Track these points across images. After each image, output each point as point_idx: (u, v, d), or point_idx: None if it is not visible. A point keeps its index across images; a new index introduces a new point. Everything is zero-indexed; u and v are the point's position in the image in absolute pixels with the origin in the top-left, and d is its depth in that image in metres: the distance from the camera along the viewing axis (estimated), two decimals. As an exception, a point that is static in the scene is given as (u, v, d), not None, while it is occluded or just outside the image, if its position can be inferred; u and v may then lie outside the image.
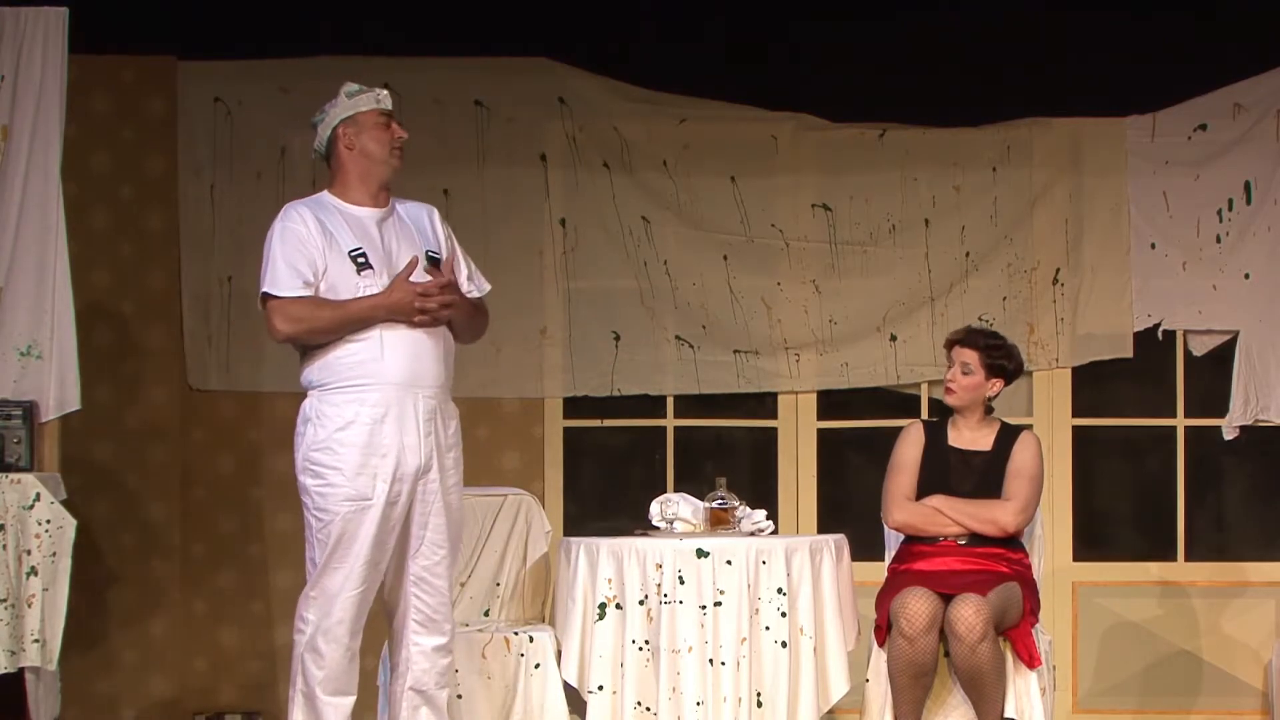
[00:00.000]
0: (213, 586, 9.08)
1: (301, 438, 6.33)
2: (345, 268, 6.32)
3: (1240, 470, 9.22)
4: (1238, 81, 8.97)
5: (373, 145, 6.44)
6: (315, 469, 6.28)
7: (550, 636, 7.32)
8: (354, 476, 6.25)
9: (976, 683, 6.91)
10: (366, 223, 6.42)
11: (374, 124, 6.45)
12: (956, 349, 7.35)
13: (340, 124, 6.44)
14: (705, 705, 7.02)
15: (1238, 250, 8.98)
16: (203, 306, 9.09)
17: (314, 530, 6.32)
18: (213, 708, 9.03)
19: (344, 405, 6.28)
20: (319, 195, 6.47)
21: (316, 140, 6.50)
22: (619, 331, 9.15)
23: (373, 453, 6.27)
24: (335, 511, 6.26)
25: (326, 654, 6.29)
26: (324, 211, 6.39)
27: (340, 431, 6.26)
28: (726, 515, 7.29)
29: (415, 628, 6.45)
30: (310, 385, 6.36)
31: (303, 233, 6.31)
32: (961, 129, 9.08)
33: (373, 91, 6.49)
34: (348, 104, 6.46)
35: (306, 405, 6.35)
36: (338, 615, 6.28)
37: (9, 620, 7.32)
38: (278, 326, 6.31)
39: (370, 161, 6.44)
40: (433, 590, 6.44)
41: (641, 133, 9.14)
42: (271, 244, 6.34)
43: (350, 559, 6.27)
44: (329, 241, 6.32)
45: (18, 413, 7.66)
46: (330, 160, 6.50)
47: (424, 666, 6.46)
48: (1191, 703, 8.96)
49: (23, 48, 7.81)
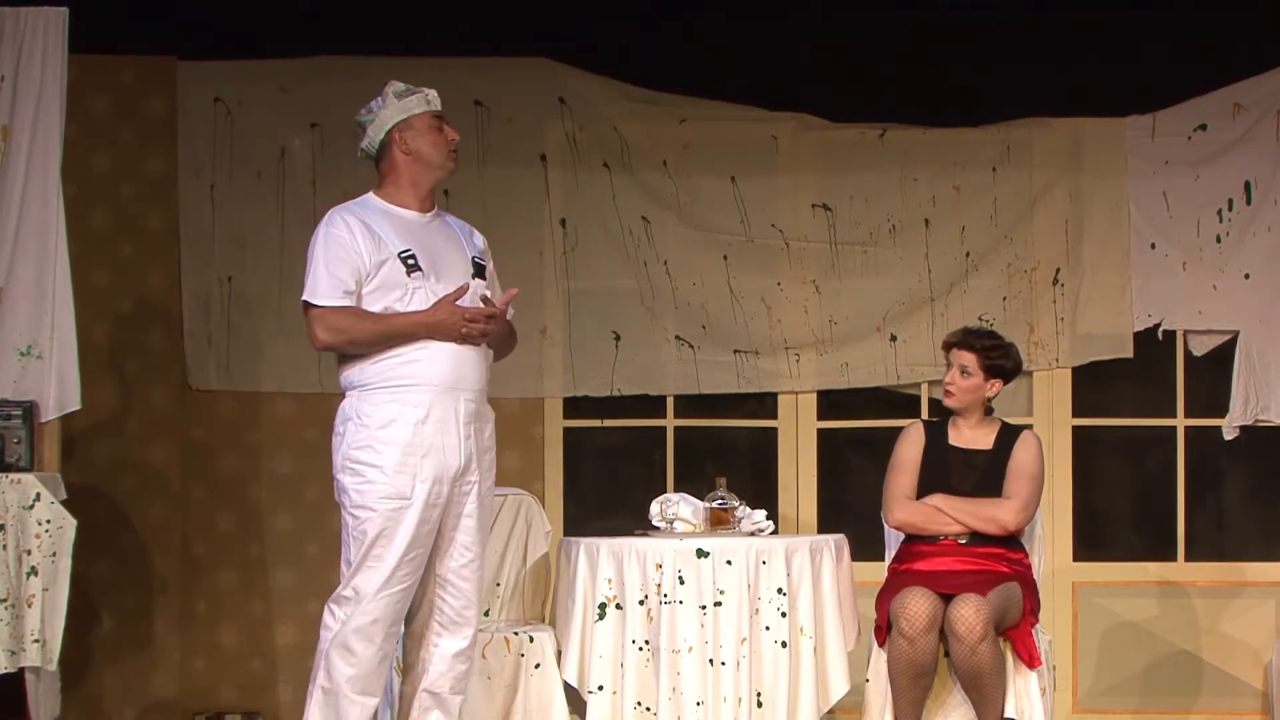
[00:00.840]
0: (213, 586, 9.08)
1: (341, 438, 6.31)
2: (395, 267, 6.29)
3: (1240, 470, 9.22)
4: (1238, 81, 8.97)
5: (429, 149, 6.39)
6: (355, 467, 6.26)
7: (550, 636, 7.32)
8: (394, 475, 6.24)
9: (976, 683, 6.92)
10: (414, 224, 6.39)
11: (428, 127, 6.40)
12: (954, 351, 7.35)
13: (395, 127, 6.38)
14: (705, 705, 7.03)
15: (1238, 250, 8.98)
16: (203, 306, 9.09)
17: (350, 528, 6.30)
18: (213, 708, 9.03)
19: (385, 405, 6.26)
20: (364, 198, 6.42)
21: (365, 141, 6.44)
22: (619, 331, 9.15)
23: (413, 452, 6.26)
24: (374, 509, 6.24)
25: (360, 652, 6.26)
26: (370, 214, 6.34)
27: (382, 430, 6.25)
28: (726, 515, 7.30)
29: (437, 629, 6.43)
30: (350, 386, 6.34)
31: (346, 239, 6.26)
32: (961, 129, 9.08)
33: (422, 92, 6.42)
34: (398, 105, 6.39)
35: (346, 405, 6.33)
36: (374, 614, 6.25)
37: (9, 620, 7.32)
38: (319, 335, 6.28)
39: (426, 166, 6.41)
40: (458, 592, 6.43)
41: (641, 133, 9.14)
42: (315, 251, 6.29)
43: (387, 558, 6.24)
44: (377, 244, 6.28)
45: (18, 413, 7.66)
46: (380, 163, 6.45)
47: (441, 669, 6.44)
48: (1191, 703, 8.96)
49: (23, 48, 7.81)
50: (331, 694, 6.27)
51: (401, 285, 6.29)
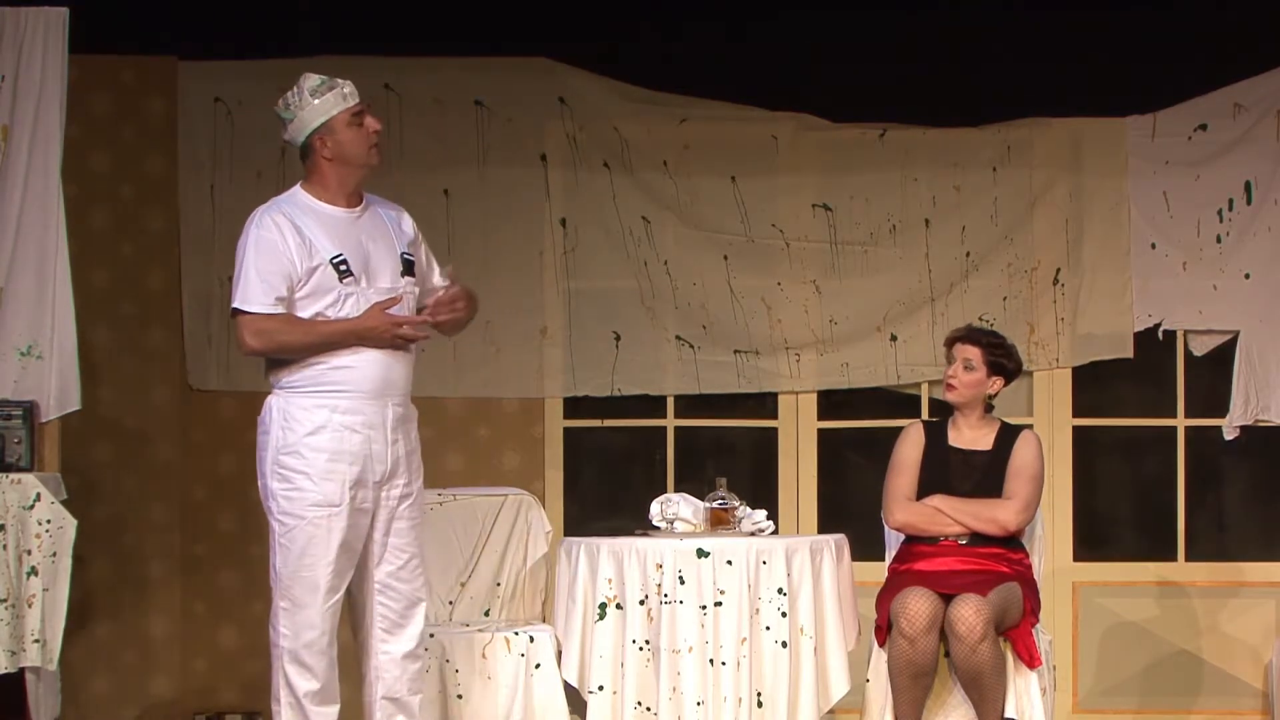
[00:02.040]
0: (213, 586, 9.08)
1: (267, 438, 6.26)
2: (327, 274, 6.24)
3: (1240, 470, 9.22)
4: (1238, 81, 8.97)
5: (351, 149, 6.33)
6: (283, 473, 6.22)
7: (550, 636, 7.32)
8: (321, 481, 6.20)
9: (977, 683, 6.91)
10: (343, 224, 6.33)
11: (347, 125, 6.32)
12: (958, 345, 7.35)
13: (315, 132, 6.32)
14: (705, 705, 7.02)
15: (1238, 250, 8.98)
16: (203, 306, 9.09)
17: (277, 535, 6.24)
18: (213, 708, 9.03)
19: (314, 410, 6.22)
20: (292, 193, 6.37)
21: (288, 135, 6.39)
22: (619, 331, 9.14)
23: (340, 459, 6.22)
24: (302, 516, 6.21)
25: (314, 666, 6.25)
26: (300, 214, 6.29)
27: (310, 436, 6.21)
28: (727, 515, 7.29)
29: (382, 635, 6.40)
30: (278, 386, 6.28)
31: (278, 243, 6.22)
32: (961, 129, 9.08)
33: (338, 88, 6.33)
34: (316, 107, 6.30)
35: (273, 405, 6.27)
36: (319, 626, 6.24)
37: (9, 620, 7.32)
38: (247, 341, 6.22)
39: (349, 166, 6.35)
40: (398, 595, 6.40)
41: (641, 133, 9.14)
42: (245, 254, 6.24)
43: (320, 567, 6.22)
44: (309, 249, 6.23)
45: (18, 413, 7.65)
46: (305, 160, 6.40)
47: (395, 674, 6.42)
48: (1191, 703, 8.96)
49: (23, 48, 7.81)
50: (297, 707, 6.27)
51: (333, 291, 6.24)
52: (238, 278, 6.25)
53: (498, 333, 9.03)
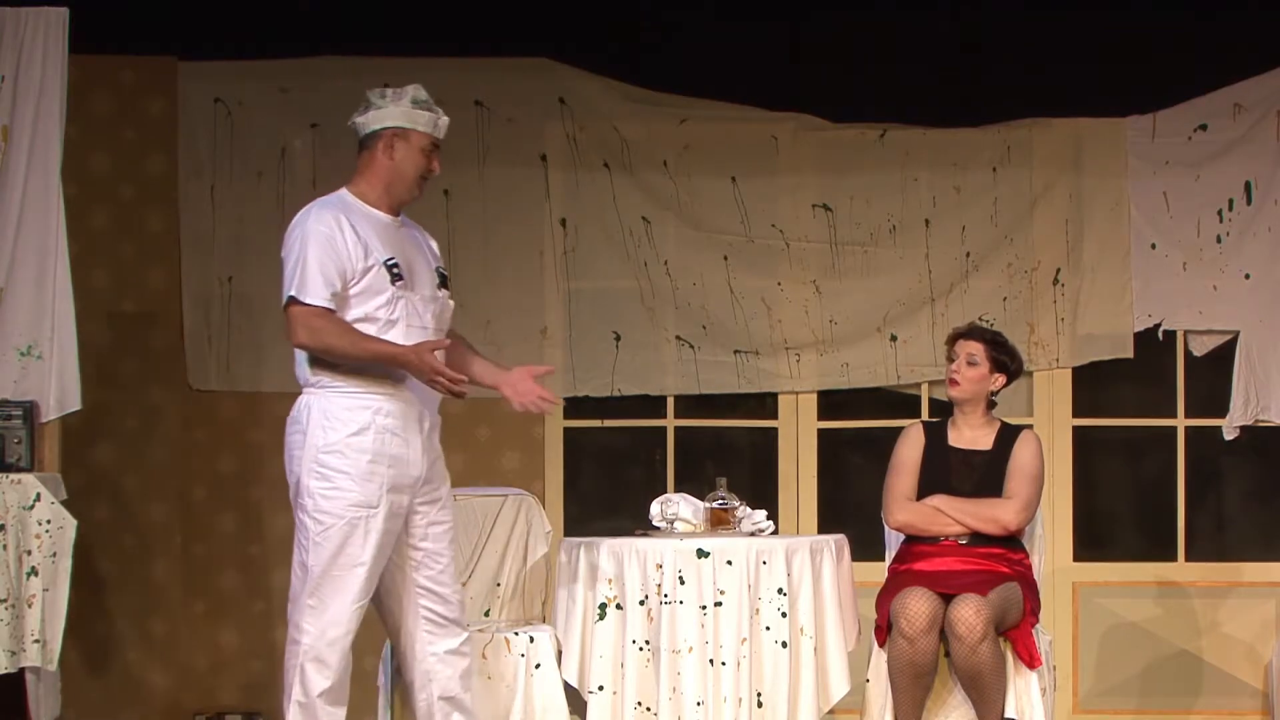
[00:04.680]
0: (213, 586, 9.08)
1: (302, 437, 6.24)
2: (381, 275, 6.25)
3: (1240, 470, 9.22)
4: (1238, 81, 8.97)
5: (408, 166, 6.34)
6: (323, 471, 6.21)
7: (550, 636, 7.32)
8: (362, 482, 6.21)
9: (977, 683, 6.92)
10: (389, 230, 6.35)
11: (420, 148, 6.35)
12: (961, 342, 7.36)
13: (392, 129, 6.35)
14: (705, 705, 7.02)
15: (1238, 250, 8.98)
16: (203, 306, 9.09)
17: (311, 534, 6.22)
18: (213, 708, 9.03)
19: (357, 410, 6.23)
20: (340, 196, 6.35)
21: (361, 123, 6.38)
22: (619, 331, 9.15)
23: (380, 461, 6.24)
24: (340, 516, 6.21)
25: (333, 664, 6.24)
26: (352, 215, 6.28)
27: (354, 436, 6.21)
28: (727, 515, 7.29)
29: (429, 638, 6.43)
30: (319, 385, 6.26)
31: (337, 239, 6.21)
32: (961, 129, 9.08)
33: (436, 114, 6.39)
34: (407, 113, 6.35)
35: (310, 404, 6.25)
36: (345, 625, 6.23)
37: (9, 620, 7.32)
38: (298, 334, 6.22)
39: (398, 181, 6.35)
40: (440, 599, 6.44)
41: (641, 133, 9.14)
42: (303, 247, 6.22)
43: (354, 568, 6.22)
44: (364, 249, 6.23)
45: (18, 413, 7.66)
46: (363, 150, 6.39)
47: (448, 673, 6.46)
48: (1191, 703, 8.97)
49: (23, 48, 7.81)
50: (308, 708, 6.25)
51: (386, 292, 6.25)
52: (292, 269, 6.24)
53: (498, 332, 9.03)
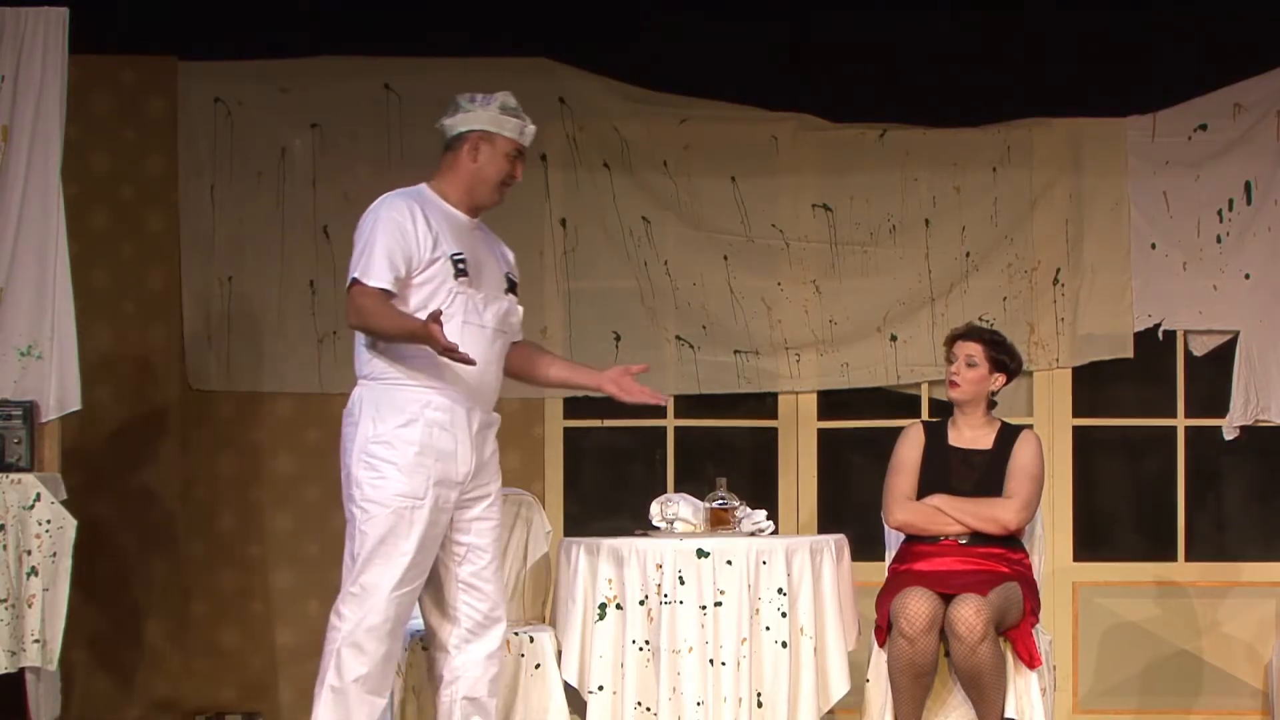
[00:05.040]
0: (213, 586, 9.08)
1: (354, 429, 6.31)
2: (445, 268, 6.31)
3: (1240, 470, 9.22)
4: (1238, 81, 8.97)
5: (491, 171, 6.45)
6: (371, 461, 6.26)
7: (550, 636, 7.32)
8: (409, 473, 6.25)
9: (977, 683, 6.92)
10: (463, 228, 6.44)
11: (504, 153, 6.46)
12: (960, 343, 7.36)
13: (477, 131, 6.44)
14: (705, 705, 7.03)
15: (1238, 250, 8.98)
16: (203, 306, 9.09)
17: (358, 523, 6.29)
18: (213, 708, 9.03)
19: (406, 403, 6.28)
20: (418, 190, 6.44)
21: (448, 125, 6.48)
22: (619, 331, 9.15)
23: (427, 454, 6.28)
24: (386, 506, 6.25)
25: (371, 651, 6.27)
26: (427, 207, 6.36)
27: (402, 428, 6.26)
28: (727, 515, 7.30)
29: (466, 635, 6.47)
30: (373, 376, 6.33)
31: (408, 227, 6.28)
32: (961, 129, 9.08)
33: (523, 121, 6.47)
34: (494, 118, 6.45)
35: (363, 396, 6.32)
36: (385, 613, 6.26)
37: (9, 620, 7.32)
38: (350, 316, 6.28)
39: (481, 184, 6.45)
40: (483, 596, 6.47)
41: (641, 133, 9.14)
42: (373, 231, 6.27)
43: (396, 557, 6.26)
44: (434, 240, 6.30)
45: (18, 413, 7.66)
46: (447, 151, 6.49)
47: (476, 674, 6.49)
48: (1191, 703, 8.97)
49: (23, 48, 7.81)
50: (341, 693, 6.27)
51: (447, 286, 6.32)
52: (360, 252, 6.28)
53: (498, 333, 9.02)
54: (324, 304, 9.08)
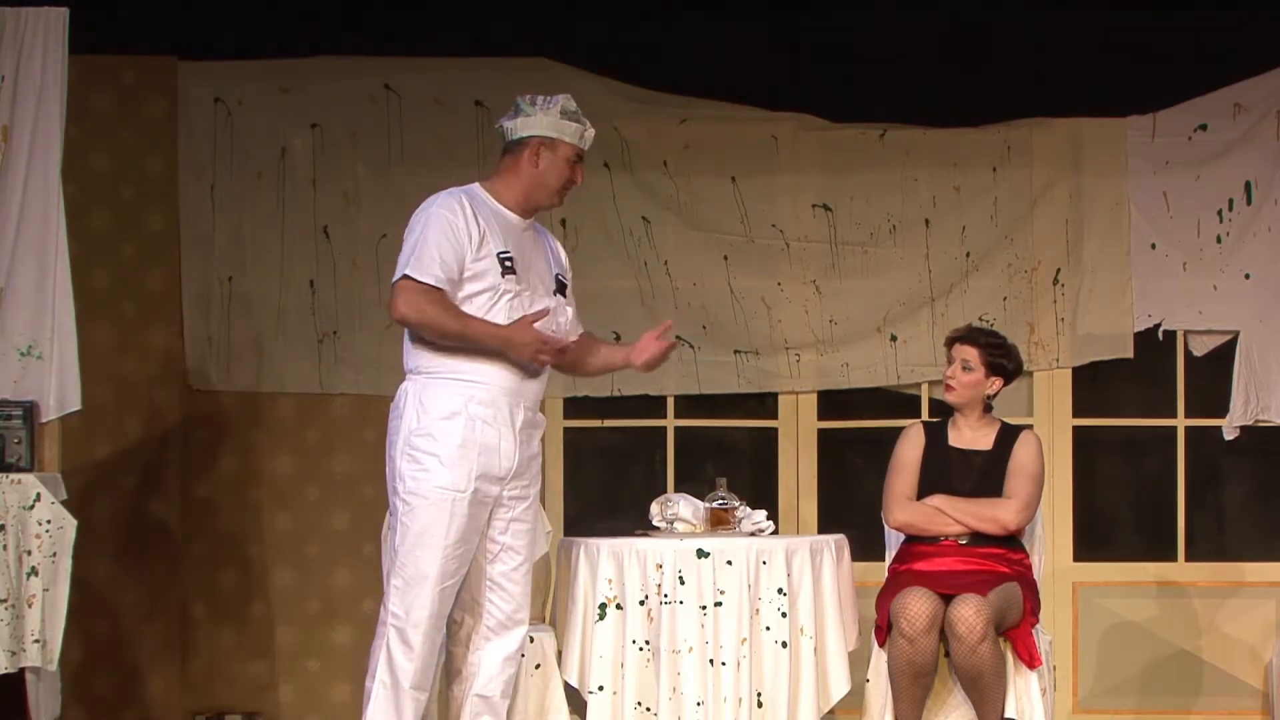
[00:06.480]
0: (213, 586, 9.08)
1: (399, 422, 6.33)
2: (493, 265, 6.33)
3: (1240, 470, 9.22)
4: (1238, 81, 8.97)
5: (551, 176, 6.46)
6: (414, 454, 6.29)
7: (550, 636, 7.32)
8: (451, 466, 6.27)
9: (977, 683, 6.92)
10: (514, 228, 6.44)
11: (565, 159, 6.47)
12: (957, 346, 7.36)
13: (539, 137, 6.44)
14: (705, 705, 7.03)
15: (1238, 250, 8.98)
16: (203, 306, 9.09)
17: (400, 515, 6.31)
18: (213, 708, 9.03)
19: (450, 397, 6.29)
20: (472, 188, 6.45)
21: (509, 127, 6.48)
22: (619, 331, 9.14)
23: (469, 447, 6.29)
24: (426, 497, 6.27)
25: (418, 646, 6.29)
26: (478, 205, 6.38)
27: (444, 421, 6.28)
28: (727, 515, 7.30)
29: (486, 633, 6.48)
30: (419, 371, 6.35)
31: (459, 225, 6.29)
32: (961, 129, 9.08)
33: (583, 126, 6.49)
34: (555, 123, 6.45)
35: (408, 390, 6.35)
36: (430, 607, 6.28)
37: (9, 620, 7.32)
38: (400, 308, 6.27)
39: (540, 189, 6.47)
40: (509, 596, 6.48)
41: (641, 133, 9.14)
42: (425, 227, 6.29)
43: (435, 549, 6.27)
44: (483, 238, 6.32)
45: (18, 413, 7.65)
46: (506, 154, 6.49)
47: (492, 673, 6.50)
48: (1191, 703, 8.97)
49: (23, 48, 7.80)
50: (392, 689, 6.29)
51: (494, 284, 6.34)
52: (411, 247, 6.30)
53: (498, 333, 9.02)
54: (324, 304, 9.09)
